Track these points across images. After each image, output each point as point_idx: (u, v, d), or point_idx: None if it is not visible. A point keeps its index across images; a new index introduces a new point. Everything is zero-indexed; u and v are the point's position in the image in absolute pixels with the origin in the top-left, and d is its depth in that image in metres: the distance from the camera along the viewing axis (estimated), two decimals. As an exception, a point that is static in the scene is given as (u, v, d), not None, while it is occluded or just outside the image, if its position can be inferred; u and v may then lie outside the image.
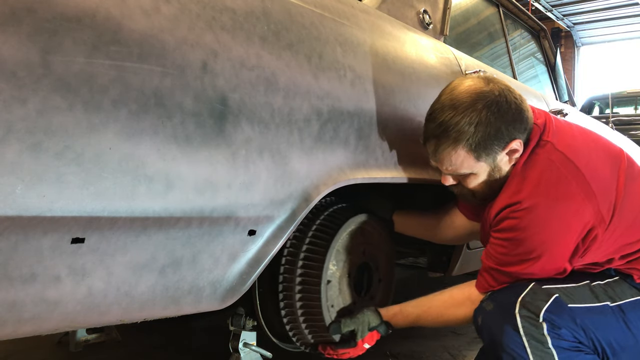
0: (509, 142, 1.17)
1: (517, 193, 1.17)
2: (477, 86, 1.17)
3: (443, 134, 1.17)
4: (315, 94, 1.09)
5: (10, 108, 0.66)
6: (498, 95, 1.15)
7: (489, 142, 1.16)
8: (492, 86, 1.17)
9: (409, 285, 3.16)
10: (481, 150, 1.16)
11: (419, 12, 1.73)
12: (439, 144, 1.19)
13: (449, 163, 1.21)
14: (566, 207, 1.12)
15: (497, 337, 1.11)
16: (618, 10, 10.88)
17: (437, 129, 1.18)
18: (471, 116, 1.13)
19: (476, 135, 1.14)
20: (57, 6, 0.71)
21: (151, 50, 0.80)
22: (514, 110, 1.16)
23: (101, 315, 0.82)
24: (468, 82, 1.19)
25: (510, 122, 1.16)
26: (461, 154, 1.17)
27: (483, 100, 1.14)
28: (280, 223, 1.04)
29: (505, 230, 1.17)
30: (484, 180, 1.23)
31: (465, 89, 1.17)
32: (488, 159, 1.18)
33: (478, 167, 1.20)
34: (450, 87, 1.21)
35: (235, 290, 1.00)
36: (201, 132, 0.87)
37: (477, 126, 1.13)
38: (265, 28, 1.00)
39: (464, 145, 1.16)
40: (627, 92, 8.40)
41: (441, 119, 1.17)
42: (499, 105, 1.14)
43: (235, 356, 1.30)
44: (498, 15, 2.52)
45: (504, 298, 1.15)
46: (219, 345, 1.80)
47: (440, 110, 1.18)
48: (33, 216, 0.69)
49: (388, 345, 1.95)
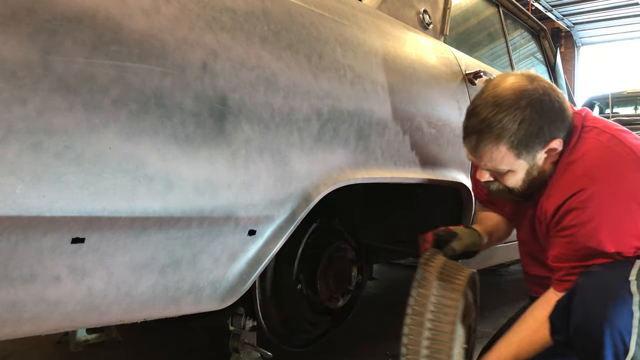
0: (549, 141, 1.17)
1: (573, 183, 1.16)
2: (521, 84, 1.16)
3: (486, 130, 1.16)
4: (315, 94, 1.09)
5: (10, 108, 0.66)
6: (542, 94, 1.15)
7: (531, 140, 1.15)
8: (535, 84, 1.16)
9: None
10: (522, 147, 1.16)
11: (419, 12, 1.73)
12: (481, 140, 1.18)
13: (488, 159, 1.20)
14: (629, 184, 1.11)
15: (600, 310, 1.04)
16: (618, 10, 10.87)
17: (480, 124, 1.17)
18: (515, 113, 1.13)
19: (519, 133, 1.14)
20: (57, 6, 0.71)
21: (151, 50, 0.80)
22: (557, 109, 1.16)
23: (101, 315, 0.82)
24: (511, 79, 1.18)
25: (553, 121, 1.16)
26: (502, 150, 1.17)
27: (527, 98, 1.14)
28: (281, 223, 1.04)
29: (571, 226, 1.15)
30: (522, 178, 1.23)
31: (509, 85, 1.16)
32: (528, 157, 1.18)
33: (517, 165, 1.19)
34: (493, 83, 1.20)
35: (235, 290, 1.00)
36: (201, 132, 0.87)
37: (520, 124, 1.13)
38: (265, 28, 1.00)
39: (506, 142, 1.15)
40: (627, 92, 8.40)
41: (484, 114, 1.16)
42: (542, 104, 1.14)
43: (235, 356, 1.30)
44: (498, 15, 2.52)
45: (602, 276, 1.09)
46: (219, 345, 1.80)
47: (483, 106, 1.17)
48: (33, 216, 0.69)
49: (388, 345, 1.95)
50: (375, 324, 2.24)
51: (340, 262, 1.47)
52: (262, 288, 1.32)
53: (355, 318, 1.62)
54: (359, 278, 1.54)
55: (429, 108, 1.47)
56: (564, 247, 1.19)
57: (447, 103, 1.59)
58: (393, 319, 2.29)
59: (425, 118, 1.44)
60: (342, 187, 1.17)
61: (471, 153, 1.24)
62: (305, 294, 1.37)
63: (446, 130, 1.55)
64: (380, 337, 2.05)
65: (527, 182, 1.23)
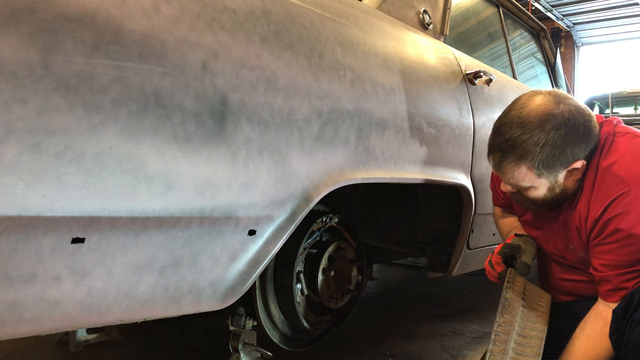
0: (572, 163, 1.18)
1: (613, 187, 1.17)
2: (548, 107, 1.17)
3: (509, 150, 1.19)
4: (315, 94, 1.09)
5: (10, 108, 0.66)
6: (567, 119, 1.16)
7: (552, 163, 1.17)
8: (562, 107, 1.17)
9: (410, 285, 3.16)
10: (543, 169, 1.18)
11: (419, 12, 1.73)
12: (504, 159, 1.21)
13: (510, 176, 1.23)
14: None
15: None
16: (618, 10, 10.86)
17: (504, 144, 1.19)
18: (539, 137, 1.15)
19: (541, 155, 1.16)
20: (57, 6, 0.71)
21: (151, 50, 0.80)
22: (581, 132, 1.17)
23: (101, 315, 0.82)
24: (539, 99, 1.20)
25: (577, 144, 1.17)
26: (523, 170, 1.19)
27: (552, 123, 1.15)
28: (281, 223, 1.04)
29: (617, 231, 1.15)
30: (544, 193, 1.25)
31: (535, 107, 1.18)
32: (549, 177, 1.20)
33: (538, 182, 1.22)
34: (521, 102, 1.22)
35: (235, 290, 1.00)
36: (201, 132, 0.87)
37: (542, 147, 1.15)
38: (265, 28, 1.00)
39: (527, 163, 1.18)
40: (627, 92, 8.40)
41: (508, 135, 1.18)
42: (567, 128, 1.15)
43: (235, 356, 1.30)
44: (498, 15, 2.52)
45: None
46: (219, 345, 1.80)
47: (508, 125, 1.19)
48: (33, 216, 0.69)
49: (388, 345, 1.95)
50: (375, 324, 2.24)
51: (340, 262, 1.47)
52: (262, 288, 1.32)
53: (355, 318, 1.62)
54: (359, 278, 1.54)
55: (429, 108, 1.47)
56: (612, 253, 1.18)
57: (447, 103, 1.59)
58: (393, 319, 2.30)
59: (425, 118, 1.44)
60: (342, 187, 1.17)
61: (495, 168, 1.26)
62: (305, 294, 1.37)
63: (446, 130, 1.55)
64: (380, 337, 2.05)
65: (549, 197, 1.25)
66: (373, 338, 2.04)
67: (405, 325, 1.57)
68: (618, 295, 1.18)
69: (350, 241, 1.52)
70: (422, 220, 1.84)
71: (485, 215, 1.81)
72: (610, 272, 1.19)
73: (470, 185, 1.68)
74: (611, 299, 1.20)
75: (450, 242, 1.78)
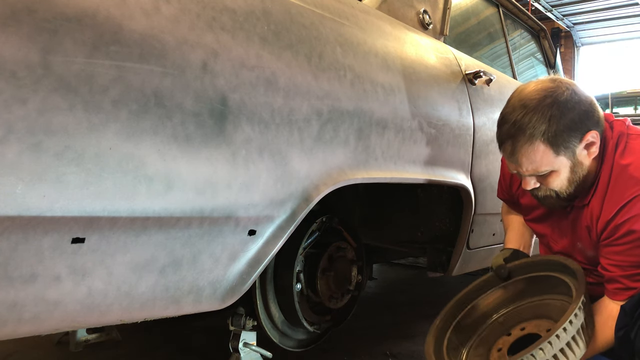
0: (584, 134, 1.17)
1: (629, 189, 1.17)
2: (544, 85, 1.19)
3: (518, 132, 1.17)
4: (315, 94, 1.09)
5: (10, 108, 0.66)
6: (567, 91, 1.17)
7: (565, 134, 1.16)
8: (557, 83, 1.19)
9: (410, 285, 3.16)
10: (559, 142, 1.16)
11: (419, 12, 1.73)
12: (516, 143, 1.18)
13: (528, 162, 1.19)
14: None
15: None
16: (618, 10, 10.87)
17: (512, 128, 1.18)
18: (543, 111, 1.15)
19: (551, 129, 1.15)
20: (57, 6, 0.71)
21: (151, 51, 0.80)
22: (583, 101, 1.18)
23: (101, 315, 0.82)
24: (533, 84, 1.22)
25: (583, 113, 1.17)
26: (540, 148, 1.17)
27: (551, 96, 1.16)
28: (281, 223, 1.04)
29: (631, 232, 1.15)
30: (567, 177, 1.22)
31: (532, 89, 1.20)
32: (567, 153, 1.18)
33: (558, 163, 1.19)
34: (517, 91, 1.23)
35: (235, 290, 1.00)
36: (201, 132, 0.87)
37: (550, 120, 1.14)
38: (265, 28, 1.00)
39: (540, 139, 1.16)
40: (627, 92, 8.40)
41: (514, 118, 1.18)
42: (567, 99, 1.16)
43: (235, 356, 1.30)
44: (498, 15, 2.52)
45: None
46: (219, 345, 1.80)
47: (511, 112, 1.20)
48: (33, 216, 0.69)
49: (388, 345, 1.96)
50: (375, 324, 2.24)
51: (340, 262, 1.47)
52: (262, 288, 1.32)
53: (355, 318, 1.62)
54: (359, 278, 1.54)
55: (429, 108, 1.47)
56: (623, 254, 1.18)
57: (447, 103, 1.59)
58: (393, 319, 2.30)
59: (425, 118, 1.44)
60: (343, 187, 1.17)
61: (509, 160, 1.23)
62: (305, 294, 1.37)
63: (446, 130, 1.55)
64: (380, 337, 2.05)
65: (573, 183, 1.22)
66: (373, 338, 2.04)
67: (405, 325, 1.57)
68: (626, 294, 1.19)
69: (350, 241, 1.52)
70: (422, 220, 1.84)
71: (485, 215, 1.81)
72: (620, 272, 1.19)
73: (470, 185, 1.68)
74: (618, 297, 1.20)
75: (450, 242, 1.78)
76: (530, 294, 1.42)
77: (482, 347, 1.41)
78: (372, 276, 2.70)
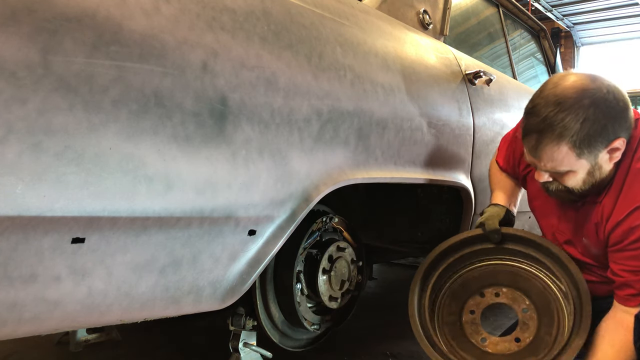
0: (612, 140, 1.13)
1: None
2: (583, 82, 1.12)
3: (547, 129, 1.12)
4: (315, 94, 1.09)
5: (10, 108, 0.66)
6: (605, 93, 1.11)
7: (594, 140, 1.11)
8: (598, 83, 1.12)
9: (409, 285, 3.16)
10: (584, 147, 1.12)
11: (419, 12, 1.73)
12: (541, 139, 1.14)
13: (549, 159, 1.16)
14: None
15: None
16: (618, 10, 10.85)
17: (541, 123, 1.13)
18: (577, 112, 1.09)
19: (581, 132, 1.10)
20: (57, 6, 0.71)
21: (151, 50, 0.80)
22: (621, 107, 1.13)
23: (101, 315, 0.82)
24: (572, 77, 1.14)
25: (617, 120, 1.12)
26: (563, 150, 1.13)
27: (590, 97, 1.10)
28: (281, 223, 1.04)
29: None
30: (583, 179, 1.18)
31: (570, 84, 1.12)
32: (590, 157, 1.14)
33: (578, 165, 1.15)
34: (553, 81, 1.16)
35: (235, 290, 1.00)
36: (201, 132, 0.87)
37: (583, 122, 1.09)
38: (265, 28, 1.00)
39: (567, 141, 1.11)
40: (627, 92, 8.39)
41: (545, 113, 1.12)
42: (606, 102, 1.11)
43: (235, 356, 1.30)
44: (498, 15, 2.52)
45: None
46: (219, 345, 1.80)
47: (544, 105, 1.13)
48: (33, 216, 0.69)
49: (388, 345, 1.96)
50: (375, 324, 2.24)
51: (340, 262, 1.47)
52: (262, 288, 1.32)
53: (355, 318, 1.62)
54: (359, 278, 1.54)
55: (429, 108, 1.47)
56: (636, 259, 1.16)
57: (447, 103, 1.59)
58: (393, 319, 2.29)
59: (425, 118, 1.44)
60: (343, 187, 1.17)
61: (530, 153, 1.19)
62: (305, 293, 1.37)
63: (446, 130, 1.55)
64: (380, 337, 2.05)
65: (588, 183, 1.19)
66: (373, 338, 2.04)
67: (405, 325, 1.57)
68: (638, 300, 1.17)
69: (350, 241, 1.52)
70: (422, 220, 1.84)
71: (485, 215, 1.81)
72: (633, 278, 1.17)
73: (470, 185, 1.69)
74: (631, 303, 1.18)
75: (450, 242, 1.78)
76: (513, 254, 1.43)
77: (455, 304, 1.44)
78: (372, 276, 2.69)
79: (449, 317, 1.43)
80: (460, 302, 1.44)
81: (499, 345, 1.36)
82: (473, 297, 1.43)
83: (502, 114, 1.95)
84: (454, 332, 1.41)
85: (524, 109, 1.20)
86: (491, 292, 1.43)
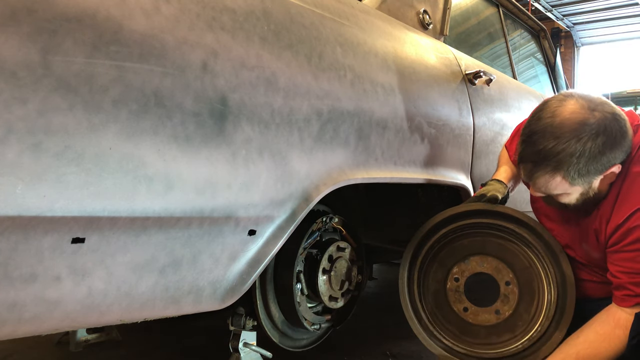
0: (608, 169, 1.14)
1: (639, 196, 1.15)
2: (582, 114, 1.10)
3: (542, 161, 1.13)
4: (315, 94, 1.09)
5: (10, 108, 0.66)
6: (604, 127, 1.10)
7: (588, 172, 1.12)
8: (597, 115, 1.10)
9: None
10: (578, 177, 1.13)
11: (419, 12, 1.73)
12: (536, 170, 1.15)
13: (542, 186, 1.18)
14: None
15: None
16: (618, 10, 10.86)
17: (537, 155, 1.13)
18: (575, 147, 1.09)
19: (577, 166, 1.10)
20: (57, 6, 0.71)
21: (151, 50, 0.80)
22: (618, 138, 1.12)
23: (101, 315, 0.82)
24: (571, 106, 1.12)
25: (614, 150, 1.12)
26: (557, 180, 1.14)
27: (588, 132, 1.08)
28: (281, 223, 1.04)
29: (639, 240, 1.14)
30: (576, 198, 1.21)
31: (568, 115, 1.11)
32: (584, 184, 1.16)
33: (572, 190, 1.17)
34: (551, 109, 1.14)
35: (235, 290, 1.00)
36: (201, 132, 0.87)
37: (579, 157, 1.09)
38: (265, 28, 1.00)
39: (562, 173, 1.12)
40: (627, 92, 8.40)
41: (541, 146, 1.12)
42: (604, 137, 1.09)
43: (235, 356, 1.30)
44: (498, 16, 2.52)
45: None
46: (219, 345, 1.80)
47: (541, 135, 1.12)
48: (33, 216, 0.69)
49: (388, 345, 1.96)
50: (375, 324, 2.24)
51: (340, 262, 1.47)
52: (262, 288, 1.32)
53: (355, 318, 1.62)
54: (359, 278, 1.54)
55: (429, 108, 1.47)
56: (633, 261, 1.17)
57: (447, 103, 1.59)
58: (393, 319, 2.29)
59: (425, 118, 1.44)
60: (343, 187, 1.17)
61: (525, 177, 1.22)
62: (305, 293, 1.37)
63: (446, 130, 1.55)
64: (380, 337, 2.05)
65: (581, 201, 1.21)
66: (373, 338, 2.04)
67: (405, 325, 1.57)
68: (634, 301, 1.18)
69: (350, 241, 1.52)
70: (422, 220, 1.84)
71: (485, 215, 1.81)
72: (628, 279, 1.18)
73: (470, 185, 1.69)
74: (626, 303, 1.19)
75: (450, 242, 1.78)
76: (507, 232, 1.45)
77: (441, 271, 1.48)
78: (372, 276, 2.69)
79: (434, 285, 1.47)
80: (445, 269, 1.48)
81: (479, 316, 1.42)
82: (458, 264, 1.47)
83: (502, 114, 1.95)
84: (437, 300, 1.46)
85: (521, 130, 1.20)
86: (477, 260, 1.47)
